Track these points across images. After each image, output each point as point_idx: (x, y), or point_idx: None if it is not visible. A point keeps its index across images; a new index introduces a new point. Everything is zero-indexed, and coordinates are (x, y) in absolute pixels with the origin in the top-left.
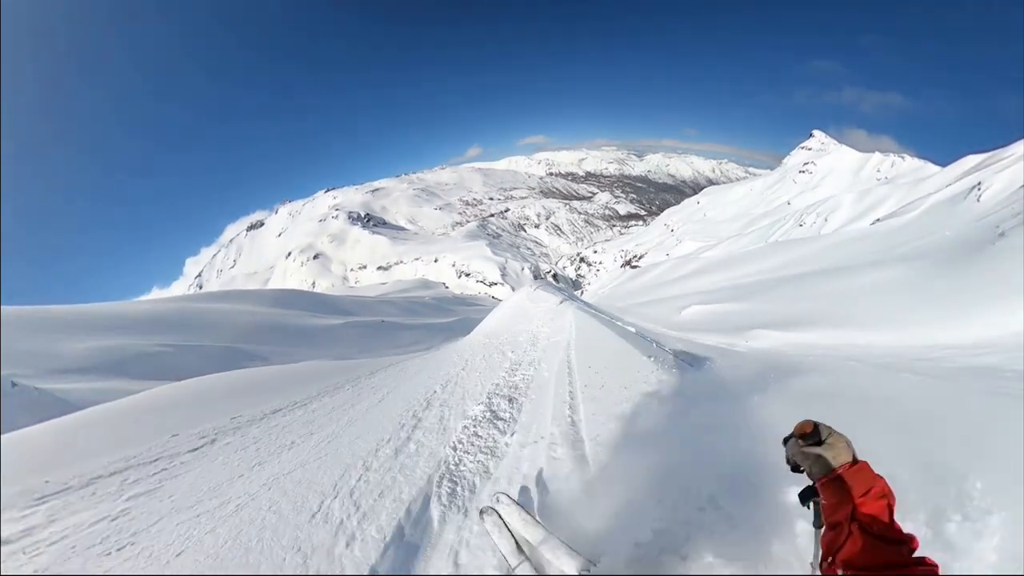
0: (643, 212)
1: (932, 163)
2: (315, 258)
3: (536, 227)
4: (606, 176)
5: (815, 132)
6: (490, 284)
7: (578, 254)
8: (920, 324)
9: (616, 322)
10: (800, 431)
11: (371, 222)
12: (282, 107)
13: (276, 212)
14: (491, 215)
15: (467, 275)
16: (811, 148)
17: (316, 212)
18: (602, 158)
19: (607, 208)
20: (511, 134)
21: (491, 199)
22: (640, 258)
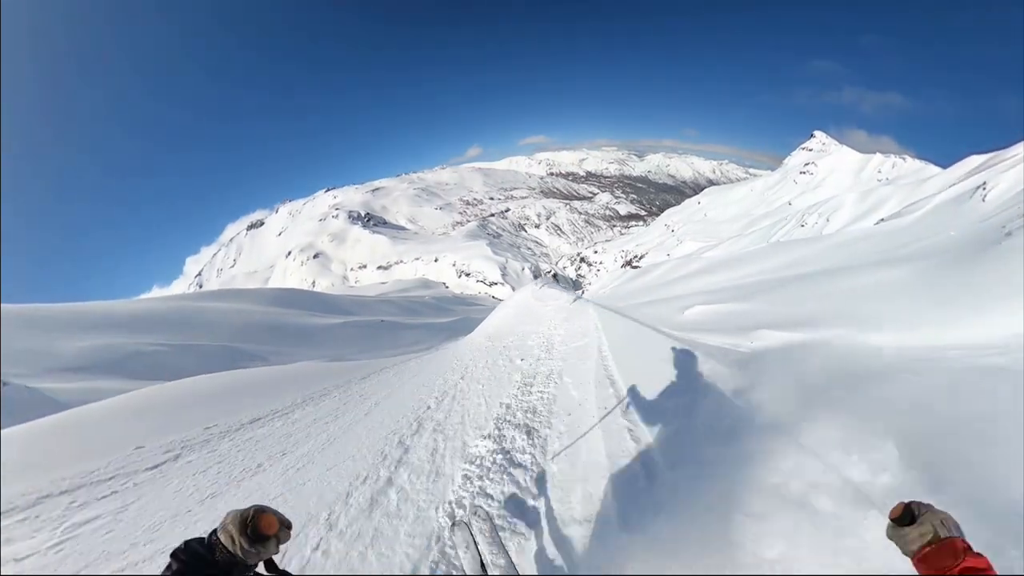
0: (643, 212)
1: (933, 164)
2: (315, 257)
3: (536, 227)
4: (606, 176)
5: (816, 133)
6: (490, 284)
7: (578, 254)
8: (927, 324)
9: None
10: (892, 515)
11: (371, 221)
12: (282, 107)
13: (276, 211)
14: (491, 215)
15: (467, 275)
16: (812, 149)
17: (316, 211)
18: (602, 158)
19: (607, 208)
20: (511, 134)
21: (491, 199)
22: (641, 258)
